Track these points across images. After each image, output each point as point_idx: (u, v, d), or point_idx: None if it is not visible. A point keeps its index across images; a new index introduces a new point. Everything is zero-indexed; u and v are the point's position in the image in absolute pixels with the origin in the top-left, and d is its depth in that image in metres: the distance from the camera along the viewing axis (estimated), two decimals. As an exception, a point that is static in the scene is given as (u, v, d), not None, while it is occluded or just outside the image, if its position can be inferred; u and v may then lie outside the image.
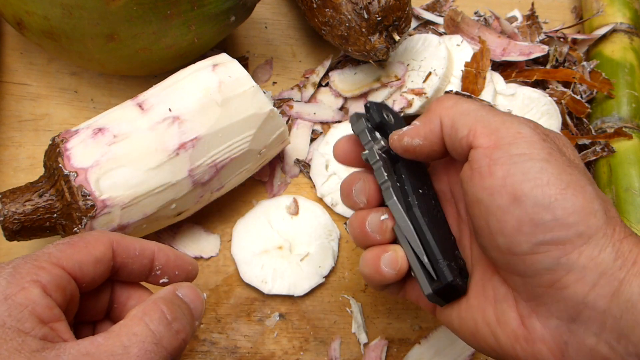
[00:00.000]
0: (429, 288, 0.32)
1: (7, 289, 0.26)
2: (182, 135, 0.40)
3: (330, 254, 0.47)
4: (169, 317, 0.28)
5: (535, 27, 0.58)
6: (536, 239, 0.27)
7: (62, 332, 0.26)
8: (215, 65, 0.43)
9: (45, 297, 0.26)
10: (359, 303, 0.46)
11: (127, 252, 0.31)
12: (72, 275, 0.28)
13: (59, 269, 0.28)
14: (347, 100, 0.53)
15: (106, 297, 0.32)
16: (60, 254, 0.28)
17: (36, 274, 0.27)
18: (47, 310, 0.26)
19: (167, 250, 0.33)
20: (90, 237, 0.30)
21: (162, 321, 0.28)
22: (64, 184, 0.39)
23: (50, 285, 0.27)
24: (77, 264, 0.29)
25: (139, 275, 0.32)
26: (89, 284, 0.30)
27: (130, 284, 0.33)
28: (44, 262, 0.28)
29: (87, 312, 0.32)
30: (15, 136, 0.48)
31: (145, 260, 0.32)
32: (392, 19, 0.46)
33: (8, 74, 0.50)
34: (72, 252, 0.29)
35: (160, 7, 0.41)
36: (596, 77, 0.54)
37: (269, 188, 0.49)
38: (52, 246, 0.29)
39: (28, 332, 0.25)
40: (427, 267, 0.32)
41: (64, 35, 0.42)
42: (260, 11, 0.56)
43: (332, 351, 0.45)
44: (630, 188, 0.49)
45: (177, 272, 0.33)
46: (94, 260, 0.29)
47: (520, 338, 0.29)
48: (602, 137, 0.52)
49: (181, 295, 0.31)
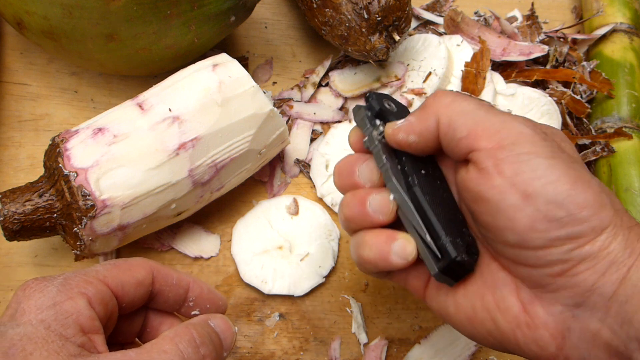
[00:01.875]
0: (434, 268, 0.31)
1: (56, 297, 0.28)
2: (182, 135, 0.40)
3: (330, 254, 0.47)
4: (198, 342, 0.30)
5: (535, 27, 0.58)
6: (550, 235, 0.27)
7: (98, 345, 0.29)
8: (215, 65, 0.43)
9: (89, 309, 0.29)
10: (359, 303, 0.46)
11: (166, 280, 0.33)
12: (115, 293, 0.31)
13: (104, 286, 0.30)
14: (347, 100, 0.53)
15: (140, 320, 0.35)
16: (106, 273, 0.31)
17: (84, 287, 0.29)
18: (89, 321, 0.28)
19: (201, 284, 0.35)
20: (134, 262, 0.33)
21: (190, 344, 0.29)
22: (64, 184, 0.39)
23: (95, 299, 0.29)
24: (120, 283, 0.31)
25: (173, 304, 0.34)
26: (129, 304, 0.32)
27: (164, 313, 0.35)
28: (92, 278, 0.30)
29: (121, 334, 0.34)
30: (15, 136, 0.48)
31: (181, 290, 0.34)
32: (392, 19, 0.46)
33: (8, 74, 0.50)
34: (117, 272, 0.31)
35: (160, 7, 0.41)
36: (596, 77, 0.54)
37: (269, 188, 0.49)
38: (100, 265, 0.32)
39: (69, 337, 0.27)
40: (430, 246, 0.31)
41: (64, 35, 0.42)
42: (260, 11, 0.56)
43: (332, 351, 0.45)
44: (630, 188, 0.49)
45: (208, 305, 0.35)
46: (136, 282, 0.32)
47: (522, 324, 0.29)
48: (602, 137, 0.52)
49: (213, 325, 0.32)
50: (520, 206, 0.28)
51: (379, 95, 0.36)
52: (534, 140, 0.29)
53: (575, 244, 0.27)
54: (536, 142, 0.29)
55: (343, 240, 0.48)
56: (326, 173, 0.49)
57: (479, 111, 0.31)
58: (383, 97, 0.36)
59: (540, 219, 0.27)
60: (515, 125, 0.29)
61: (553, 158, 0.28)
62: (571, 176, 0.28)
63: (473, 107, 0.31)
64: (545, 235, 0.27)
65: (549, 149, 0.29)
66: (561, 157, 0.28)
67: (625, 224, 0.27)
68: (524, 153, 0.28)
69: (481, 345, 0.46)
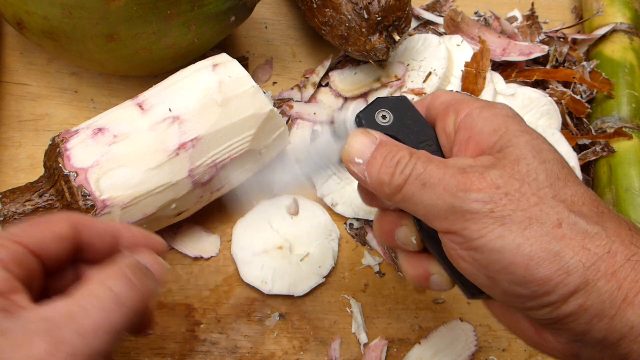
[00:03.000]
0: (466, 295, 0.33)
1: None
2: (182, 135, 0.40)
3: (330, 254, 0.47)
4: (131, 277, 0.29)
5: (535, 27, 0.58)
6: (525, 304, 0.28)
7: (21, 303, 0.28)
8: (215, 65, 0.43)
9: (3, 270, 0.28)
10: (359, 303, 0.46)
11: (92, 230, 0.32)
12: (33, 251, 0.30)
13: (18, 246, 0.29)
14: (347, 100, 0.53)
15: (72, 275, 0.33)
16: (21, 232, 0.30)
17: None
18: (5, 283, 0.28)
19: (133, 230, 0.34)
20: (53, 217, 0.32)
21: (123, 280, 0.28)
22: (64, 184, 0.39)
23: (9, 260, 0.28)
24: (38, 240, 0.30)
25: (105, 254, 0.33)
26: (53, 260, 0.31)
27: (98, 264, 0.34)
28: (4, 240, 0.29)
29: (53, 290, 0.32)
30: (15, 136, 0.48)
31: (110, 238, 0.33)
32: (392, 19, 0.46)
33: (8, 74, 0.50)
34: (33, 230, 0.30)
35: (160, 7, 0.41)
36: (596, 77, 0.54)
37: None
38: (15, 226, 0.31)
39: None
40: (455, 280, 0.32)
41: (64, 35, 0.42)
42: (260, 11, 0.56)
43: (332, 351, 0.45)
44: (630, 188, 0.49)
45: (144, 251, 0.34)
46: (56, 237, 0.31)
47: (538, 344, 0.30)
48: (602, 137, 0.52)
49: (141, 260, 0.31)
50: (489, 285, 0.29)
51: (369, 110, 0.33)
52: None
53: (552, 307, 0.27)
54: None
55: (343, 240, 0.48)
56: (326, 173, 0.49)
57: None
58: (376, 109, 0.33)
59: (510, 295, 0.28)
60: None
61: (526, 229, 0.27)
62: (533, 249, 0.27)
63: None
64: (521, 304, 0.28)
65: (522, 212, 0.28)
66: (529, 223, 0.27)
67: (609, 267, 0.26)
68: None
69: (481, 346, 0.46)
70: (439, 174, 0.29)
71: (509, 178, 0.28)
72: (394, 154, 0.30)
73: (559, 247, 0.26)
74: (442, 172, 0.29)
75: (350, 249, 0.48)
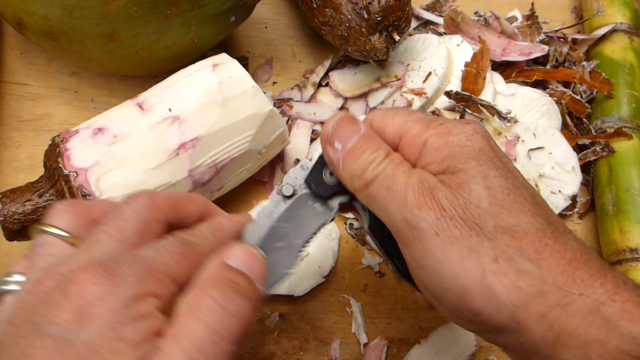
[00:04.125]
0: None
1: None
2: (182, 135, 0.40)
3: (330, 254, 0.47)
4: (222, 302, 0.24)
5: (535, 27, 0.58)
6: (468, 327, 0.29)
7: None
8: (215, 65, 0.43)
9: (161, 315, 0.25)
10: (359, 303, 0.46)
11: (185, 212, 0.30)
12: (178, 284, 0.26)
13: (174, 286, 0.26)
14: (347, 100, 0.53)
15: None
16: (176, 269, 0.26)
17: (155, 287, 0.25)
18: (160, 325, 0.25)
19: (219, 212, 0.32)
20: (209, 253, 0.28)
21: (215, 312, 0.24)
22: (64, 184, 0.39)
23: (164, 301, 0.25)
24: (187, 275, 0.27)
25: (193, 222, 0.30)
26: None
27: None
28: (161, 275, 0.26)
29: None
30: (15, 136, 0.48)
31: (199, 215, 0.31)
32: (392, 19, 0.46)
33: (8, 74, 0.50)
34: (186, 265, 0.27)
35: (160, 7, 0.41)
36: (596, 77, 0.54)
37: (269, 188, 0.49)
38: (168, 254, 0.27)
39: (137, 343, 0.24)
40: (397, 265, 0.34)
41: (64, 35, 0.42)
42: (260, 11, 0.56)
43: (332, 351, 0.45)
44: (630, 188, 0.49)
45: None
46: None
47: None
48: (602, 137, 0.52)
49: (232, 264, 0.26)
50: (435, 301, 0.30)
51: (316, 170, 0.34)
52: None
53: (491, 335, 0.28)
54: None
55: (343, 240, 0.48)
56: (326, 173, 0.49)
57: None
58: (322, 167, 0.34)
59: (452, 315, 0.29)
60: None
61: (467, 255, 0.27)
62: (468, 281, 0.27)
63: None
64: (464, 325, 0.29)
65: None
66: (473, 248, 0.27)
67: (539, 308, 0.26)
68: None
69: (481, 346, 0.46)
70: (403, 181, 0.29)
71: (453, 202, 0.28)
72: (373, 150, 0.30)
73: (492, 282, 0.26)
74: (405, 181, 0.29)
75: (350, 249, 0.48)
